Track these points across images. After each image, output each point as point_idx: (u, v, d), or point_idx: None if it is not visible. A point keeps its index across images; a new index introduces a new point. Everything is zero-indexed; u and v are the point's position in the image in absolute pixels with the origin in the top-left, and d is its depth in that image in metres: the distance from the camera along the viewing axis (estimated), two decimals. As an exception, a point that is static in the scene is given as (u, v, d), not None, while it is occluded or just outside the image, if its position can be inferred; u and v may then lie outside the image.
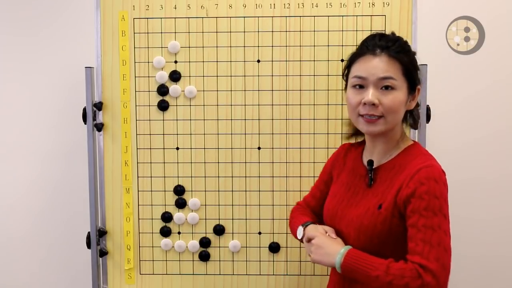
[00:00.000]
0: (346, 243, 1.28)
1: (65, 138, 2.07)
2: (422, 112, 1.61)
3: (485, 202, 2.03)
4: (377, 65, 1.24)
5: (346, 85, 1.34)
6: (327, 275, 1.31)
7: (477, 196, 2.02)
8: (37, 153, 2.09)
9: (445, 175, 1.23)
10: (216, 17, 1.64)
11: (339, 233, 1.32)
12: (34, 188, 2.10)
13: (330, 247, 1.27)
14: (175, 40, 1.66)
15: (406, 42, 1.32)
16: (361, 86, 1.26)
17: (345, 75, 1.34)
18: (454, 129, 2.01)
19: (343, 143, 1.53)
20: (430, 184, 1.18)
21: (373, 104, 1.23)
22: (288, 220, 1.67)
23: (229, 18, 1.64)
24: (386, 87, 1.23)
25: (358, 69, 1.28)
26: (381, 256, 1.22)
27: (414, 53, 1.33)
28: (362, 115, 1.26)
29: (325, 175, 1.50)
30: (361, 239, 1.26)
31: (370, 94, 1.23)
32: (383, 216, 1.23)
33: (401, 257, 1.21)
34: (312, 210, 1.51)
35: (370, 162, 1.32)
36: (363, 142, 1.43)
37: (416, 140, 1.61)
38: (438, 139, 1.96)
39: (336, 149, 1.50)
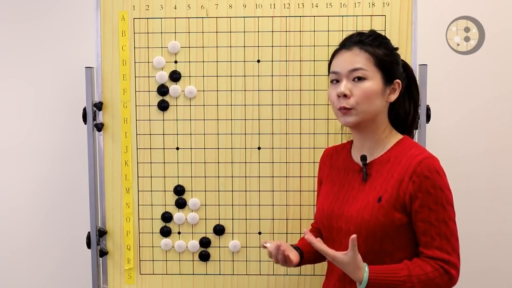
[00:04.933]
0: (346, 240, 1.24)
1: (65, 138, 2.07)
2: (422, 112, 1.61)
3: (484, 202, 2.03)
4: (348, 58, 1.29)
5: None
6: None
7: (477, 196, 2.02)
8: (37, 153, 2.09)
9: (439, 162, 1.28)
10: (216, 17, 1.64)
11: (338, 231, 1.31)
12: (34, 188, 2.10)
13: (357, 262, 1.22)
14: (175, 40, 1.66)
15: (382, 37, 1.34)
16: (337, 81, 1.31)
17: (329, 73, 1.38)
18: (454, 129, 2.01)
19: (324, 149, 1.55)
20: (435, 177, 1.22)
21: (345, 96, 1.27)
22: (287, 220, 1.68)
23: (229, 18, 1.64)
24: (359, 78, 1.27)
25: (334, 64, 1.33)
26: (384, 250, 1.24)
27: (396, 49, 1.36)
28: (339, 109, 1.30)
29: (319, 186, 1.51)
30: (363, 234, 1.25)
31: (342, 86, 1.28)
32: (384, 208, 1.24)
33: (403, 249, 1.24)
34: None
35: (364, 157, 1.33)
36: (348, 142, 1.45)
37: (416, 140, 1.62)
38: (438, 139, 1.96)
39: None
